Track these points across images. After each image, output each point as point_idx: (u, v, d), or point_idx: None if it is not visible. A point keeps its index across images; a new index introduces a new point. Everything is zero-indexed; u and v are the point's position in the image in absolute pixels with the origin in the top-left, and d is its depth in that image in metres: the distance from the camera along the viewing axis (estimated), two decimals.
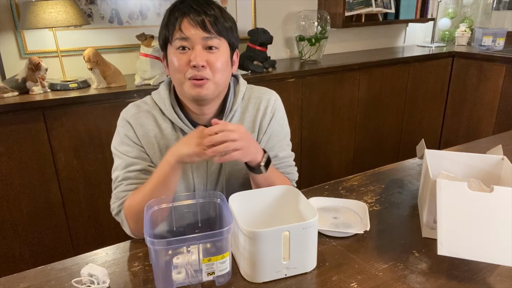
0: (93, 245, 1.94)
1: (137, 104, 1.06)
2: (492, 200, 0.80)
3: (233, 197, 0.89)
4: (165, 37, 0.97)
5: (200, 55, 0.92)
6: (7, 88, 1.75)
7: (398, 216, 1.05)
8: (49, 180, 1.78)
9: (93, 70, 1.86)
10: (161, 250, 0.74)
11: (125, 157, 1.01)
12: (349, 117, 2.60)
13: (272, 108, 1.10)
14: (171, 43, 0.96)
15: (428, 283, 0.79)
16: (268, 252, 0.78)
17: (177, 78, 0.97)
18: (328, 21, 2.56)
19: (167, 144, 1.04)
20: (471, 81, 2.86)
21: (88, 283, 0.80)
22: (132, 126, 1.02)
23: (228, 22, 0.98)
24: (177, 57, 0.95)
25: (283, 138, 1.13)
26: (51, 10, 1.75)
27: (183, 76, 0.95)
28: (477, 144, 1.54)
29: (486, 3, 3.27)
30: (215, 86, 0.97)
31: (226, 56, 0.99)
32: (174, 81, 1.00)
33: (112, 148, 1.05)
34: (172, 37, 0.95)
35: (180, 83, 0.97)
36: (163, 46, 1.01)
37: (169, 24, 0.95)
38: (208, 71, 0.94)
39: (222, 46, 0.97)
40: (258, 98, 1.10)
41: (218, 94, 1.01)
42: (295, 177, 1.16)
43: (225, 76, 1.00)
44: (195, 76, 0.94)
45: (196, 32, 0.92)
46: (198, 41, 0.93)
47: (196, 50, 0.93)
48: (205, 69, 0.94)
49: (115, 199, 1.02)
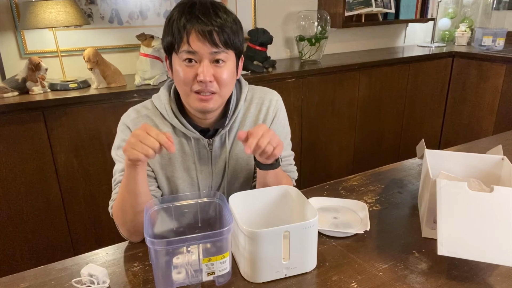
0: (93, 245, 1.94)
1: (137, 109, 1.06)
2: (492, 200, 0.80)
3: (233, 197, 0.89)
4: (170, 44, 0.94)
5: (207, 70, 0.91)
6: (7, 88, 1.75)
7: (398, 216, 1.05)
8: (49, 180, 1.78)
9: (93, 70, 1.86)
10: (161, 250, 0.74)
11: (123, 161, 1.00)
12: (349, 117, 2.60)
13: (274, 108, 1.10)
14: (177, 53, 0.94)
15: (428, 283, 0.79)
16: (268, 252, 0.78)
17: (183, 90, 0.96)
18: (328, 21, 2.56)
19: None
20: (471, 81, 2.85)
21: (88, 283, 0.80)
22: (131, 131, 1.02)
23: (237, 36, 0.95)
24: (183, 69, 0.93)
25: (284, 138, 1.13)
26: (51, 10, 1.75)
27: (189, 89, 0.94)
28: (477, 144, 1.54)
29: (486, 3, 3.27)
30: (221, 99, 0.97)
31: (233, 67, 0.97)
32: (180, 91, 0.99)
33: (112, 153, 1.05)
34: (179, 48, 0.92)
35: (186, 95, 0.96)
36: (167, 50, 0.98)
37: (175, 32, 0.92)
38: (215, 85, 0.94)
39: (229, 59, 0.95)
40: (260, 98, 1.10)
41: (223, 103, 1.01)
42: (295, 176, 1.17)
43: (231, 88, 1.00)
44: (201, 90, 0.93)
45: (204, 47, 0.90)
46: (206, 56, 0.91)
47: (203, 65, 0.91)
48: (212, 83, 0.93)
49: (111, 201, 1.02)
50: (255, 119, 1.09)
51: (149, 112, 1.05)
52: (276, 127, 1.11)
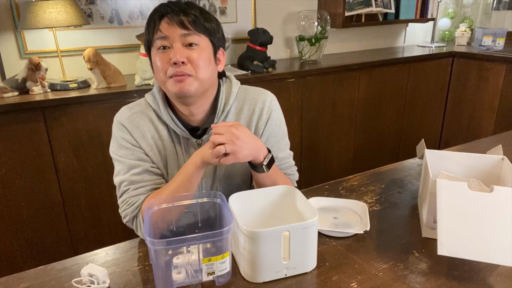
0: (93, 245, 1.94)
1: (129, 106, 1.05)
2: (492, 200, 0.80)
3: (233, 197, 0.89)
4: (147, 40, 0.98)
5: (179, 52, 0.92)
6: (7, 88, 1.75)
7: (398, 216, 1.05)
8: (49, 180, 1.78)
9: (93, 70, 1.86)
10: (161, 250, 0.74)
11: (126, 161, 1.00)
12: (349, 117, 2.60)
13: (268, 109, 1.07)
14: (153, 45, 0.96)
15: (428, 283, 0.79)
16: (268, 252, 0.78)
17: (160, 78, 0.96)
18: (328, 21, 2.56)
19: (164, 145, 1.03)
20: (471, 81, 2.85)
21: (88, 283, 0.80)
22: (127, 128, 1.01)
23: (209, 22, 0.97)
24: (158, 57, 0.95)
25: (281, 138, 1.12)
26: (51, 10, 1.75)
27: (165, 74, 0.94)
28: (477, 144, 1.54)
29: (486, 3, 3.27)
30: (198, 82, 0.95)
31: (208, 52, 0.97)
32: (159, 82, 0.99)
33: (111, 154, 1.04)
34: (153, 38, 0.95)
35: (163, 82, 0.96)
36: (147, 49, 1.00)
37: (149, 27, 0.96)
38: (189, 67, 0.93)
39: (202, 42, 0.96)
40: (253, 99, 1.07)
41: (203, 91, 0.99)
42: (296, 177, 1.16)
43: (209, 73, 0.98)
44: (176, 73, 0.93)
45: (175, 30, 0.92)
46: (177, 39, 0.93)
47: (175, 47, 0.93)
48: (186, 65, 0.93)
49: (126, 205, 1.00)
50: (248, 121, 1.07)
51: (143, 108, 1.04)
52: (272, 129, 1.09)
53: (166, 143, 1.03)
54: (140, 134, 1.02)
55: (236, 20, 2.50)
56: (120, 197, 1.01)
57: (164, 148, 1.03)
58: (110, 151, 1.05)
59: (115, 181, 1.03)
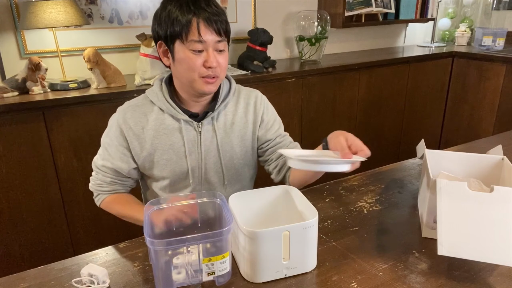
0: (93, 245, 1.94)
1: (129, 101, 1.15)
2: (492, 200, 0.80)
3: (233, 197, 0.89)
4: (174, 32, 1.00)
5: (215, 58, 1.03)
6: (7, 88, 1.75)
7: (398, 216, 1.05)
8: (49, 180, 1.78)
9: (93, 70, 1.86)
10: (161, 250, 0.74)
11: (104, 150, 1.13)
12: (349, 117, 2.60)
13: (261, 101, 1.21)
14: (183, 42, 1.01)
15: (428, 283, 0.79)
16: (268, 252, 0.78)
17: (189, 76, 1.04)
18: (328, 21, 2.56)
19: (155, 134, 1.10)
20: (471, 81, 2.85)
21: (88, 283, 0.80)
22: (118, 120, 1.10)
23: (229, 25, 1.07)
24: (192, 57, 1.01)
25: (279, 122, 1.25)
26: (51, 10, 1.75)
27: (197, 74, 1.03)
28: (477, 144, 1.54)
29: (486, 3, 3.27)
30: (219, 82, 1.10)
31: (227, 54, 1.09)
32: (186, 78, 1.05)
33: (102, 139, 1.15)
34: (187, 37, 1.00)
35: (191, 81, 1.04)
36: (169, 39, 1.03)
37: (180, 22, 0.99)
38: (218, 70, 1.05)
39: (226, 47, 1.07)
40: (247, 95, 1.21)
41: None
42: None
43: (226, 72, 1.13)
44: (209, 75, 1.03)
45: (211, 36, 1.01)
46: (211, 44, 1.02)
47: (211, 53, 1.02)
48: (216, 69, 1.04)
49: (94, 185, 1.16)
50: (245, 110, 1.18)
51: (139, 101, 1.13)
52: (270, 116, 1.22)
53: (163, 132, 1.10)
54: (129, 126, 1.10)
55: (236, 20, 2.50)
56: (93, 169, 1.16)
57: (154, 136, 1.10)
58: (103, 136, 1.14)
59: (95, 159, 1.15)
